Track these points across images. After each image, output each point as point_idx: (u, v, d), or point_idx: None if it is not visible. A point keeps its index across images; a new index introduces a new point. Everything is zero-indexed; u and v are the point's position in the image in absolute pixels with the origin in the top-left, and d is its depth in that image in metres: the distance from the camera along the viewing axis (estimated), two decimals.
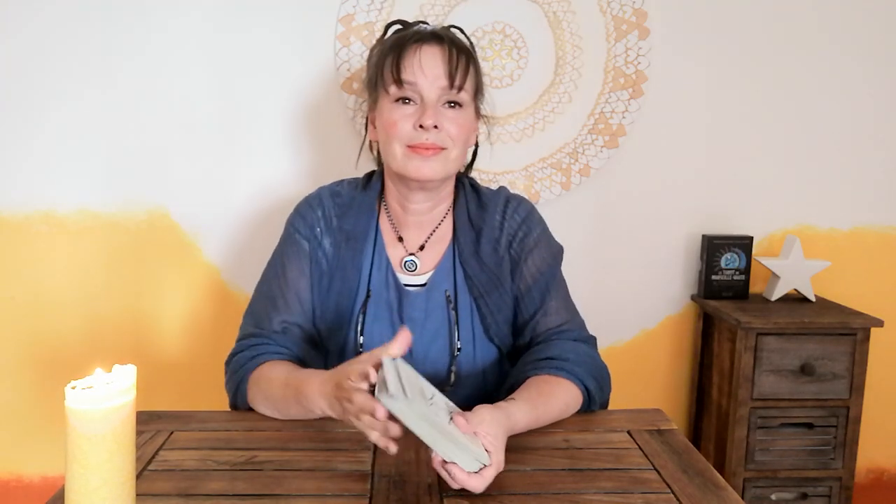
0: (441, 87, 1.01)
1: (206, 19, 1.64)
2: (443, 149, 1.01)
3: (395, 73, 1.01)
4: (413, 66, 1.00)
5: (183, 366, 1.75)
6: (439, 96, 1.01)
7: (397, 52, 1.02)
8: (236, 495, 0.77)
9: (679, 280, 1.82)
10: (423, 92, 1.01)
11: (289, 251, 1.09)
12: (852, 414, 1.62)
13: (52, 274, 1.70)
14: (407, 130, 1.01)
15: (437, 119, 1.00)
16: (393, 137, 1.02)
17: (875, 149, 1.79)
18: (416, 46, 1.02)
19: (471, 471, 0.76)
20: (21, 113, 1.65)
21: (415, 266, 1.08)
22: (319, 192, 1.12)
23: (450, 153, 1.02)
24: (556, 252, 1.11)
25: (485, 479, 0.76)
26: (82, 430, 0.62)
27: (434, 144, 1.00)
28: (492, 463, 0.77)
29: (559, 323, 1.06)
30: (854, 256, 1.82)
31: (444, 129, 1.01)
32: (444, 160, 1.02)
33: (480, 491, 0.77)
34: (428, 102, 1.00)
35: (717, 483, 0.81)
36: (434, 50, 1.02)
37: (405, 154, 1.01)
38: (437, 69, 1.01)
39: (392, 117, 1.02)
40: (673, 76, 1.72)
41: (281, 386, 0.95)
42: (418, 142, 1.00)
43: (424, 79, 1.00)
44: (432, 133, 1.00)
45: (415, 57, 1.01)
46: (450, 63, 1.01)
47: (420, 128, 1.00)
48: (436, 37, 1.03)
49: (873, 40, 1.75)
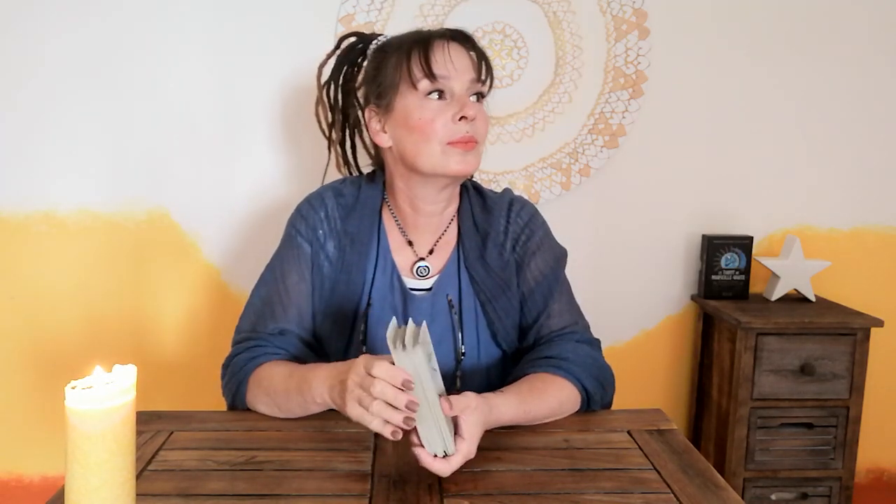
0: (470, 80, 1.00)
1: (205, 19, 1.64)
2: (477, 142, 1.01)
3: (427, 67, 0.98)
4: (444, 59, 0.99)
5: (183, 366, 1.75)
6: (468, 89, 1.01)
7: (423, 49, 1.00)
8: (236, 495, 0.77)
9: (679, 280, 1.82)
10: (454, 85, 1.00)
11: (289, 254, 1.06)
12: (852, 414, 1.62)
13: (52, 274, 1.70)
14: (446, 126, 0.98)
15: (476, 109, 1.00)
16: (431, 136, 0.98)
17: (875, 149, 1.79)
18: (443, 42, 1.01)
19: (435, 454, 0.78)
20: (21, 113, 1.65)
21: (427, 271, 1.07)
22: (321, 192, 1.10)
23: (480, 147, 1.02)
24: (559, 255, 1.11)
25: (450, 466, 0.78)
26: (82, 430, 0.62)
27: (472, 137, 1.00)
28: (460, 450, 0.79)
29: (563, 325, 1.06)
30: (854, 256, 1.82)
31: (476, 119, 1.00)
32: (478, 154, 1.02)
33: (446, 475, 0.79)
34: (460, 95, 1.00)
35: (717, 483, 0.81)
36: (457, 44, 1.02)
37: (444, 151, 0.99)
38: (464, 61, 1.00)
39: (426, 115, 0.98)
40: (673, 76, 1.72)
41: (283, 379, 0.95)
42: (459, 136, 0.98)
43: (455, 72, 0.99)
44: (471, 125, 0.99)
45: (444, 51, 1.00)
46: (473, 56, 1.02)
47: (460, 120, 0.98)
48: (451, 33, 1.03)
49: (873, 40, 1.75)
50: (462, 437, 0.79)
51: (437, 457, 0.78)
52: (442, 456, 0.78)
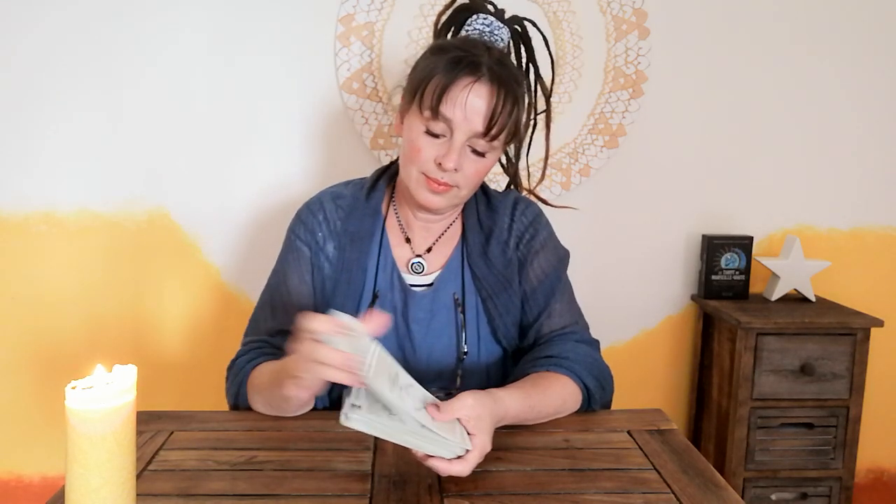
0: (474, 132, 0.96)
1: (206, 19, 1.64)
2: (454, 187, 0.99)
3: (436, 101, 0.95)
4: (457, 102, 0.94)
5: (183, 366, 1.75)
6: (469, 138, 0.96)
7: (447, 81, 0.95)
8: (236, 495, 0.77)
9: (679, 280, 1.82)
10: (455, 131, 0.96)
11: (290, 258, 1.08)
12: (852, 414, 1.62)
13: (52, 274, 1.70)
14: (428, 161, 0.97)
15: (459, 163, 0.97)
16: (412, 161, 0.99)
17: (875, 149, 1.79)
18: (469, 82, 0.94)
19: (451, 458, 0.76)
20: (21, 113, 1.65)
21: (422, 268, 1.08)
22: (320, 197, 1.11)
23: (460, 191, 1.00)
24: (561, 256, 1.11)
25: (468, 463, 0.76)
26: (82, 430, 0.62)
27: (445, 184, 0.98)
28: (475, 446, 0.77)
29: (563, 325, 1.06)
30: (854, 256, 1.82)
31: (462, 170, 0.98)
32: (453, 196, 1.01)
33: (466, 475, 0.77)
34: (455, 142, 0.96)
35: (717, 483, 0.81)
36: (481, 90, 0.95)
37: (418, 180, 0.99)
38: (477, 114, 0.95)
39: (417, 143, 0.98)
40: (673, 76, 1.72)
41: (268, 374, 0.95)
42: (434, 176, 0.98)
43: (463, 118, 0.95)
44: (452, 174, 0.98)
45: (462, 94, 0.94)
46: (491, 109, 0.94)
47: (439, 165, 0.97)
48: (486, 72, 0.95)
49: (873, 40, 1.75)
50: (472, 433, 0.78)
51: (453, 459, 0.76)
52: (459, 456, 0.76)
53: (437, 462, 0.76)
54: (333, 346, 0.72)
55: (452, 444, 0.76)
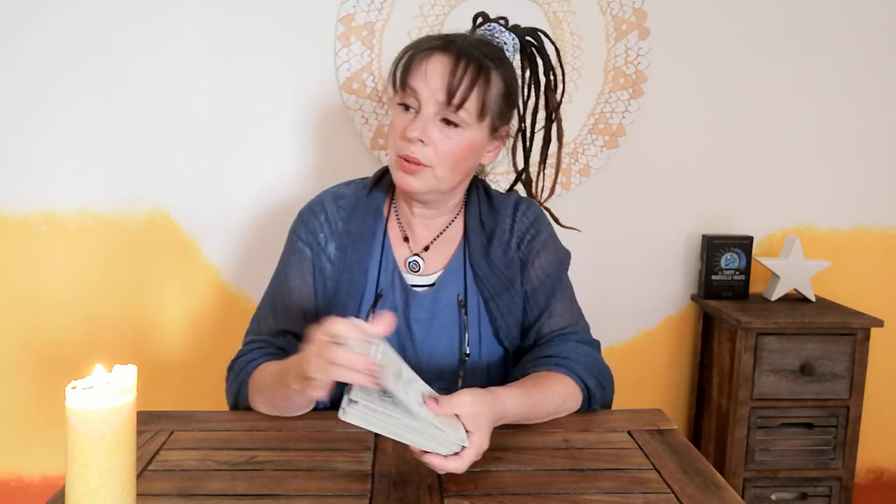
0: (438, 102, 0.96)
1: (206, 19, 1.64)
2: (428, 166, 0.98)
3: (402, 75, 0.98)
4: (419, 71, 0.96)
5: (183, 366, 1.75)
6: (437, 111, 0.96)
7: (410, 55, 0.98)
8: (236, 495, 0.77)
9: (679, 280, 1.82)
10: (422, 102, 0.96)
11: (291, 259, 1.08)
12: (852, 414, 1.62)
13: (52, 274, 1.70)
14: (400, 137, 0.98)
15: (425, 133, 0.95)
16: (391, 144, 1.00)
17: (875, 149, 1.79)
18: (428, 53, 0.97)
19: (447, 454, 0.76)
20: (22, 113, 1.65)
21: (418, 267, 1.08)
22: (321, 197, 1.11)
23: (435, 171, 0.97)
24: (563, 256, 1.11)
25: (465, 460, 0.76)
26: (82, 430, 0.62)
27: (416, 159, 0.96)
28: (472, 443, 0.77)
29: (563, 325, 1.06)
30: (854, 256, 1.82)
31: (432, 144, 0.96)
32: (428, 178, 0.98)
33: (462, 471, 0.77)
34: (422, 114, 0.96)
35: (717, 483, 0.81)
36: (443, 59, 0.96)
37: (395, 163, 0.99)
38: (437, 81, 0.95)
39: (394, 122, 1.00)
40: (673, 76, 1.72)
41: (271, 374, 0.95)
42: (405, 153, 0.97)
43: (426, 88, 0.95)
44: (417, 147, 0.96)
45: (422, 64, 0.96)
46: (451, 78, 0.95)
47: (407, 139, 0.97)
48: (452, 45, 0.97)
49: (873, 40, 1.75)
50: (470, 431, 0.78)
51: (449, 456, 0.76)
52: (456, 452, 0.76)
53: (433, 458, 0.76)
54: (351, 349, 0.73)
55: (449, 441, 0.76)
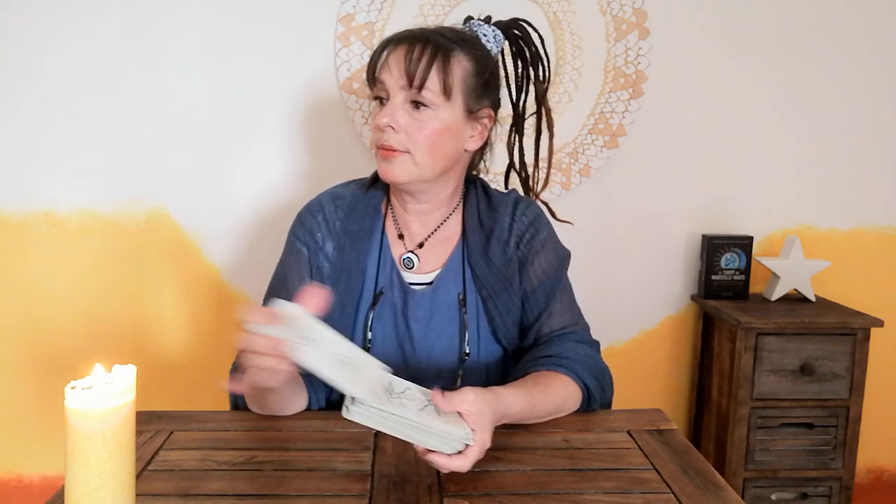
0: (402, 88, 0.98)
1: (206, 19, 1.64)
2: (404, 152, 0.99)
3: (371, 72, 1.01)
4: (385, 65, 0.99)
5: (183, 366, 1.75)
6: (404, 97, 0.98)
7: (377, 52, 1.01)
8: (236, 495, 0.77)
9: (679, 280, 1.82)
10: (390, 91, 0.99)
11: (290, 259, 1.09)
12: (852, 414, 1.62)
13: (51, 274, 1.70)
14: (375, 130, 1.01)
15: (394, 119, 0.97)
16: (372, 138, 1.03)
17: (875, 149, 1.79)
18: (393, 47, 1.00)
19: (452, 452, 0.75)
20: (22, 113, 1.65)
21: (412, 263, 1.08)
22: (319, 198, 1.12)
23: (414, 157, 0.99)
24: (562, 256, 1.11)
25: (468, 459, 0.76)
26: (82, 430, 0.62)
27: (390, 146, 0.98)
28: (475, 442, 0.76)
29: (563, 325, 1.06)
30: (854, 256, 1.82)
31: (403, 130, 0.98)
32: (407, 164, 1.00)
33: (466, 470, 0.76)
34: (391, 102, 0.98)
35: (717, 483, 0.81)
36: (404, 47, 0.98)
37: (377, 154, 1.01)
38: (398, 67, 0.98)
39: (373, 117, 1.02)
40: (673, 76, 1.72)
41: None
42: (380, 142, 1.00)
43: (390, 77, 0.98)
44: (390, 134, 0.98)
45: (388, 57, 0.99)
46: (407, 60, 0.97)
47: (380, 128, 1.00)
48: (411, 34, 1.00)
49: (872, 40, 1.75)
50: (473, 429, 0.77)
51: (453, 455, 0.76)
52: (460, 450, 0.76)
53: (436, 457, 0.75)
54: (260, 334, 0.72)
55: (453, 439, 0.75)
